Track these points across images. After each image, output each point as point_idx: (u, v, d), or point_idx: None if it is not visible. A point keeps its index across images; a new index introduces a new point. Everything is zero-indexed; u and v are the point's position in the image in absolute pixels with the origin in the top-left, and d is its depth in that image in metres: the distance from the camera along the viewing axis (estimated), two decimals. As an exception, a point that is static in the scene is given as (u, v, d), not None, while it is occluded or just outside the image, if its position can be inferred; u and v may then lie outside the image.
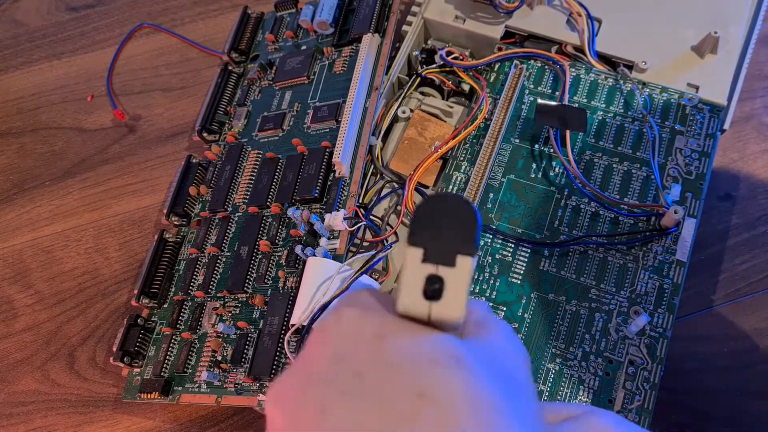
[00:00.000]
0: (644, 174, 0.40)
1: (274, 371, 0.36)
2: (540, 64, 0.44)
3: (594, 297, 0.37)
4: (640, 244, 0.38)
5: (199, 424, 0.42)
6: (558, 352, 0.36)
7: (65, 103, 0.56)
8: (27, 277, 0.48)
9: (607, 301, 0.37)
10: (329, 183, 0.41)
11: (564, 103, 0.42)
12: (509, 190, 0.41)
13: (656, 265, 0.37)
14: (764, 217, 0.44)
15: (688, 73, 0.43)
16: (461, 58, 0.45)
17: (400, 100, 0.45)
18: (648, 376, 0.35)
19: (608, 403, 0.35)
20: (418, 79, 0.46)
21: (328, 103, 0.45)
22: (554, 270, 0.38)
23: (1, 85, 0.58)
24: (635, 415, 0.34)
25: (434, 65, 0.46)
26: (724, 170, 0.46)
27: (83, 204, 0.51)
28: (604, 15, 0.45)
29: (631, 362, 0.35)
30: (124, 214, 0.50)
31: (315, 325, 0.22)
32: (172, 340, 0.41)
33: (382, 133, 0.44)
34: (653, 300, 0.37)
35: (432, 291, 0.19)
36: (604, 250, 0.38)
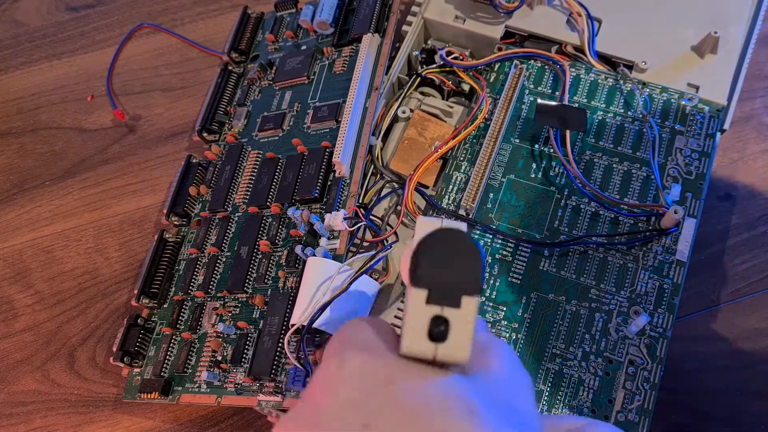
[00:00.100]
0: (644, 174, 0.40)
1: (274, 371, 0.36)
2: (540, 64, 0.44)
3: (594, 297, 0.37)
4: (640, 244, 0.38)
5: (199, 424, 0.42)
6: (558, 352, 0.36)
7: (65, 103, 0.56)
8: (27, 277, 0.48)
9: (607, 301, 0.37)
10: (329, 183, 0.41)
11: (564, 103, 0.42)
12: (509, 190, 0.41)
13: (656, 265, 0.37)
14: (764, 217, 0.44)
15: (688, 73, 0.43)
16: (461, 58, 0.45)
17: (400, 100, 0.45)
18: (648, 376, 0.35)
19: (608, 403, 0.35)
20: (418, 79, 0.46)
21: (328, 103, 0.45)
22: (554, 270, 0.38)
23: (1, 85, 0.58)
24: (635, 415, 0.34)
25: (434, 65, 0.46)
26: (724, 170, 0.46)
27: (83, 204, 0.51)
28: (604, 15, 0.45)
29: (631, 362, 0.35)
30: (124, 214, 0.50)
31: (317, 370, 0.21)
32: (172, 340, 0.41)
33: (382, 133, 0.44)
34: (653, 300, 0.37)
35: (438, 333, 0.19)
36: (604, 250, 0.38)
